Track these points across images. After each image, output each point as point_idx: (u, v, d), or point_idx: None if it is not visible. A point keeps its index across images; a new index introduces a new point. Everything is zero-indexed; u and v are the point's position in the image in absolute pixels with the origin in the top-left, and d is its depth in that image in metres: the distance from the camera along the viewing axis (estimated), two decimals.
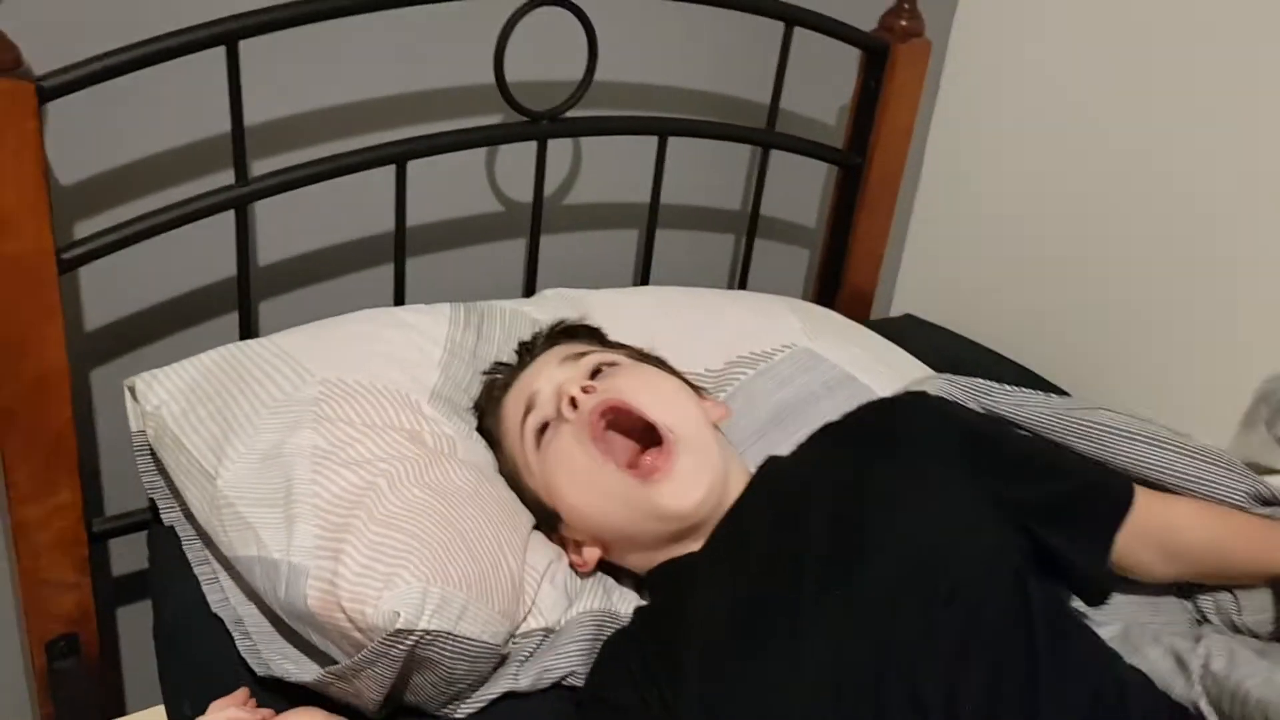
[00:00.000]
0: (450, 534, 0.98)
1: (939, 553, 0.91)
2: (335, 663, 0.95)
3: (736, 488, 1.03)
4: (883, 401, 1.14)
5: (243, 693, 0.96)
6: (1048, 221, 1.58)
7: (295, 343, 1.16)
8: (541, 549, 1.09)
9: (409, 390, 1.13)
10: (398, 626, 0.90)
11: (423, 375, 1.16)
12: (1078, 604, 1.07)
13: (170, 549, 1.13)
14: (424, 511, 0.99)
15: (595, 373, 1.06)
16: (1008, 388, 1.20)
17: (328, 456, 1.03)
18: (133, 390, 1.15)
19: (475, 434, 1.16)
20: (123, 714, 1.43)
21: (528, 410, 1.07)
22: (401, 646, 0.91)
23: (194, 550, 1.12)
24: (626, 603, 1.08)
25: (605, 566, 1.10)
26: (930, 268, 1.75)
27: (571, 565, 1.08)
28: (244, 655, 1.02)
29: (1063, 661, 0.89)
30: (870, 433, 1.05)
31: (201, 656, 1.06)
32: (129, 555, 1.34)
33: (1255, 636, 1.06)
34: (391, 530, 0.97)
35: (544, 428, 1.05)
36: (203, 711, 1.08)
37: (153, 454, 1.15)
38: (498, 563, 1.00)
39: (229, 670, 1.02)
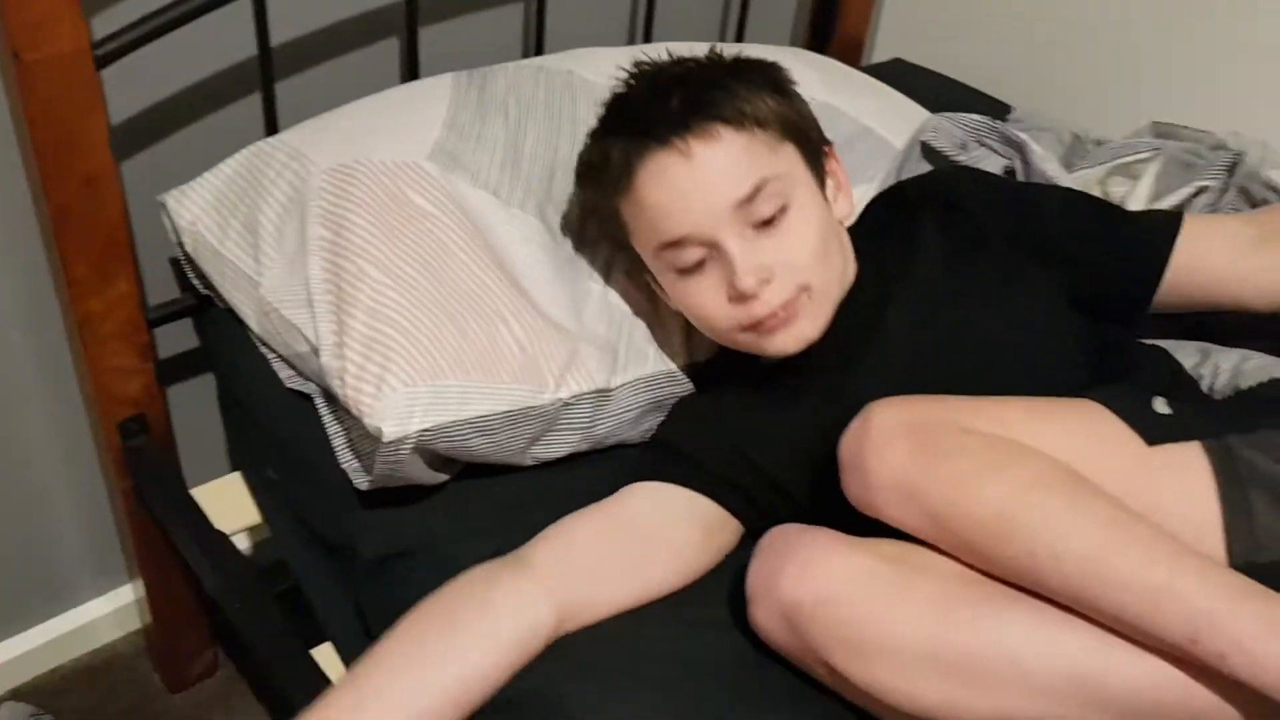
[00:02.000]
0: (440, 317, 1.01)
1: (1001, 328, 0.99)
2: None
3: (850, 279, 1.05)
4: (939, 175, 1.16)
5: None
6: None
7: (302, 137, 1.16)
8: (567, 305, 1.10)
9: (408, 155, 1.12)
10: (385, 440, 0.95)
11: (424, 135, 1.15)
12: None
13: (231, 330, 1.19)
14: (413, 295, 1.02)
15: (763, 222, 0.97)
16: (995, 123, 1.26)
17: (332, 248, 1.05)
18: (165, 205, 1.18)
19: (478, 181, 1.13)
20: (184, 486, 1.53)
21: (674, 243, 0.98)
22: (404, 451, 0.96)
23: (255, 333, 1.16)
24: (679, 359, 1.11)
25: None
26: (913, 9, 1.77)
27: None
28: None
29: None
30: (937, 209, 1.07)
31: (281, 424, 1.15)
32: (166, 341, 1.40)
33: None
34: (380, 323, 1.00)
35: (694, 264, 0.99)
36: (288, 474, 1.18)
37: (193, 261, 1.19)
38: (496, 334, 1.03)
39: (311, 437, 1.09)
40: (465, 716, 0.85)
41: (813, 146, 1.04)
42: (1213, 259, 1.01)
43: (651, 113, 0.98)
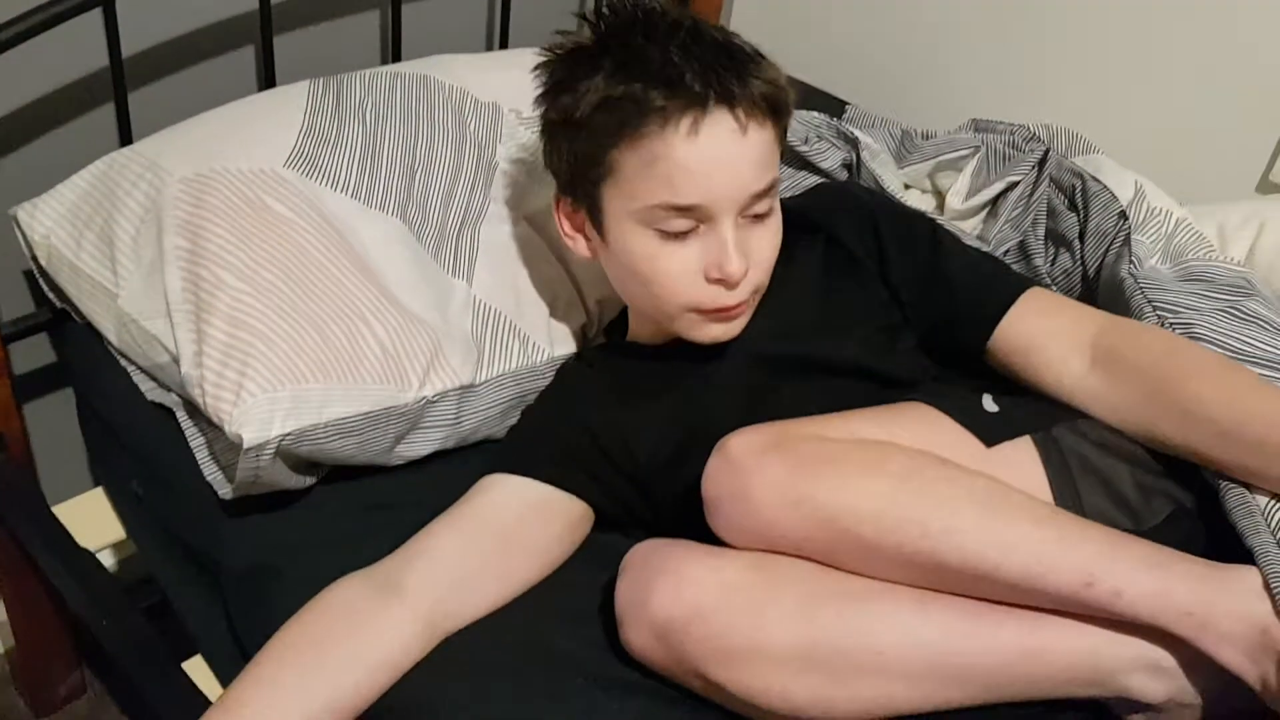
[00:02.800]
0: (299, 321, 1.02)
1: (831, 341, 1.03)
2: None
3: None
4: (822, 199, 1.16)
5: None
6: None
7: (156, 147, 1.16)
8: (431, 302, 1.10)
9: (264, 162, 1.12)
10: (246, 446, 0.95)
11: (281, 142, 1.15)
12: None
13: (90, 344, 1.17)
14: (272, 301, 1.02)
15: (753, 217, 0.98)
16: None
17: (189, 257, 1.05)
18: (16, 219, 1.16)
19: (338, 185, 1.13)
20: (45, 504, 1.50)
21: (680, 208, 0.94)
22: (265, 455, 0.97)
23: (114, 346, 1.15)
24: (544, 353, 1.13)
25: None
26: (760, 14, 1.83)
27: (562, 232, 1.05)
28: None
29: None
30: (819, 234, 1.08)
31: (144, 437, 1.14)
32: (22, 356, 1.37)
33: None
34: (239, 330, 1.00)
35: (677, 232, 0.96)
36: (152, 488, 1.17)
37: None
38: (357, 335, 1.03)
39: (175, 449, 1.08)
40: None
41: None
42: (1048, 355, 0.97)
43: (710, 72, 0.93)
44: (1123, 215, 1.12)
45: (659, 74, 0.93)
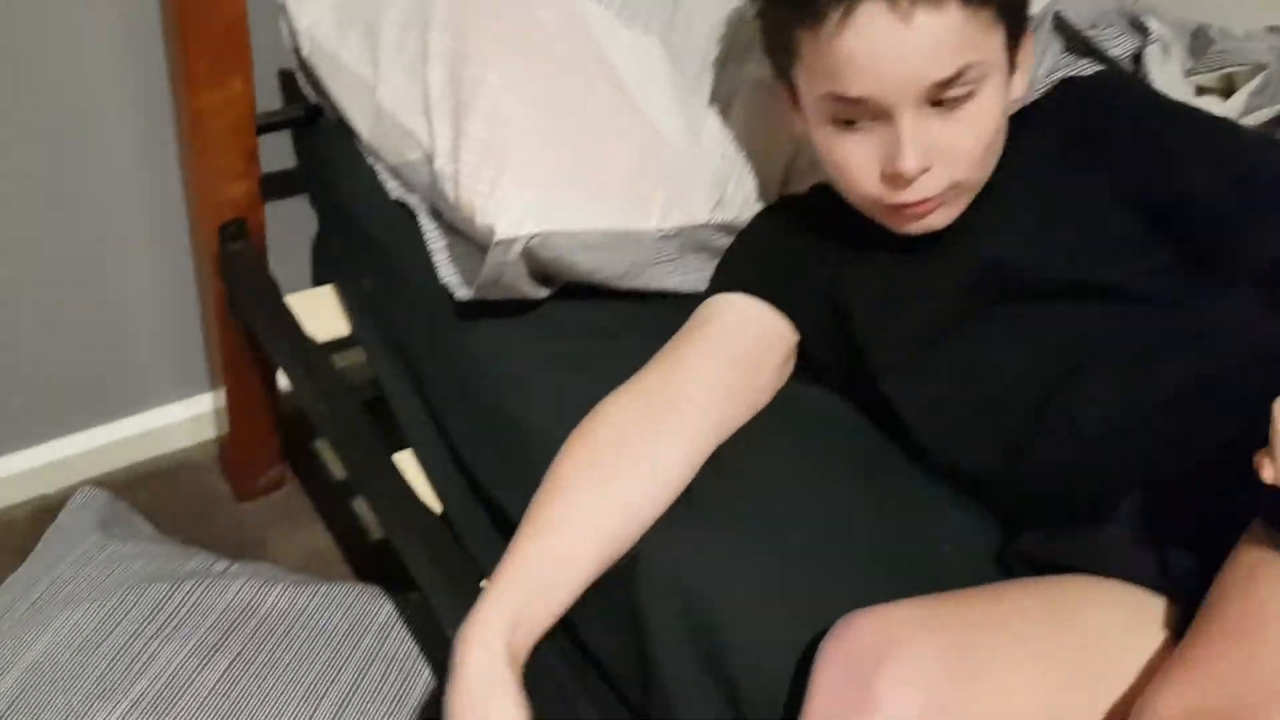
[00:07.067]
0: (557, 131, 1.02)
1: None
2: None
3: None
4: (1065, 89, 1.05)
5: None
6: None
7: None
8: (683, 130, 1.08)
9: None
10: (497, 238, 0.96)
11: None
12: None
13: (340, 140, 1.21)
14: (532, 106, 1.02)
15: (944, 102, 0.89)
16: None
17: (453, 55, 1.06)
18: (285, 6, 1.19)
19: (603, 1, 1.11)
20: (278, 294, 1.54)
21: (848, 99, 0.89)
22: (514, 251, 0.98)
23: (363, 146, 1.18)
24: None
25: None
26: None
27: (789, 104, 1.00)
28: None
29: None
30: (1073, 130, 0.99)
31: (384, 235, 1.17)
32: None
33: None
34: (497, 128, 1.01)
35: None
36: (383, 285, 1.20)
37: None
38: (611, 155, 1.02)
39: (412, 249, 1.11)
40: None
41: (1019, 29, 0.93)
42: None
43: None
44: None
45: None
